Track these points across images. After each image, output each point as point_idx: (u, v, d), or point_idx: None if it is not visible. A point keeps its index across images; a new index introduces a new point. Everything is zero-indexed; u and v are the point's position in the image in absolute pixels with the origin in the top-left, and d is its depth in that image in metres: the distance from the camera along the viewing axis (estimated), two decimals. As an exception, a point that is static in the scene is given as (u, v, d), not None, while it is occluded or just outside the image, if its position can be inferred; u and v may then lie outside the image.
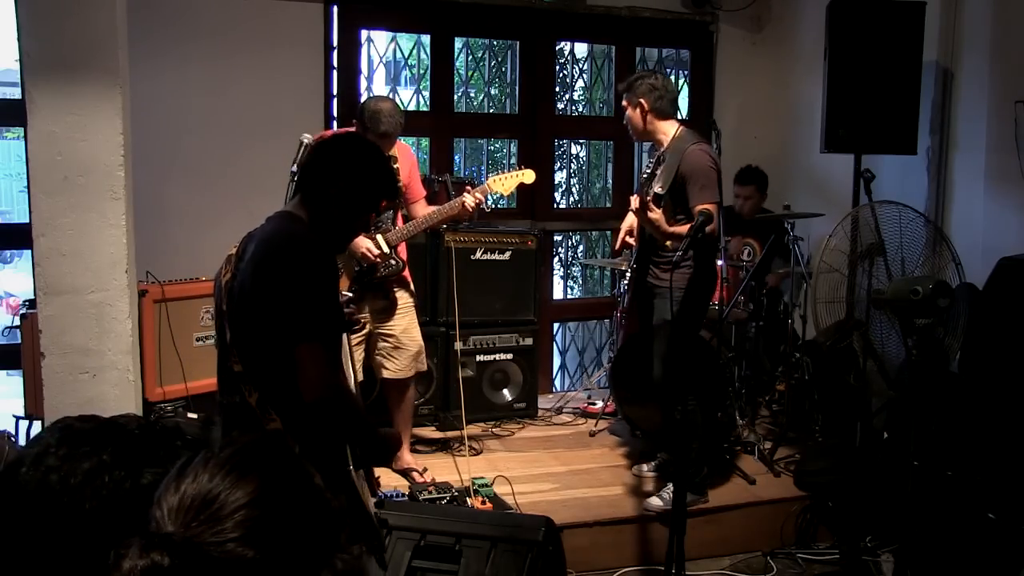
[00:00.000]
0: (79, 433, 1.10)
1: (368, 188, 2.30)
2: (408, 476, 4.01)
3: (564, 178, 6.53)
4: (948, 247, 3.45)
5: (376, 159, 2.35)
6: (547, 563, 2.46)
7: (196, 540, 0.88)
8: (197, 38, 4.66)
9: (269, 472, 0.97)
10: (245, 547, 0.89)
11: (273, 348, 2.16)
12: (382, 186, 2.37)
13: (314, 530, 0.95)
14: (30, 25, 3.42)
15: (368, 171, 2.30)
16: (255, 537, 0.90)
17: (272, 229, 2.27)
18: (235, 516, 0.90)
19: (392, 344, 3.94)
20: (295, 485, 0.98)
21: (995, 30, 4.39)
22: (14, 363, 4.24)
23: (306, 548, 0.93)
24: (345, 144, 2.39)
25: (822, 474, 3.96)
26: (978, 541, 3.29)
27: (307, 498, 0.98)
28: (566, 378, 6.12)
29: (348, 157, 2.30)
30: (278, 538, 0.91)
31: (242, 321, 2.23)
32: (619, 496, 3.96)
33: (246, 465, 0.96)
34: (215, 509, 0.90)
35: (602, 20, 5.51)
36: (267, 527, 0.91)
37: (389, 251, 3.82)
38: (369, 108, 3.67)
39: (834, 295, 3.55)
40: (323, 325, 2.17)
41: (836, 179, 4.91)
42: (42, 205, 3.46)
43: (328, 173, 2.26)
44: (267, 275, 2.17)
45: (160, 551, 0.88)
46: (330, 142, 2.42)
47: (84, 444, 1.07)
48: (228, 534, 0.89)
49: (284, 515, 0.93)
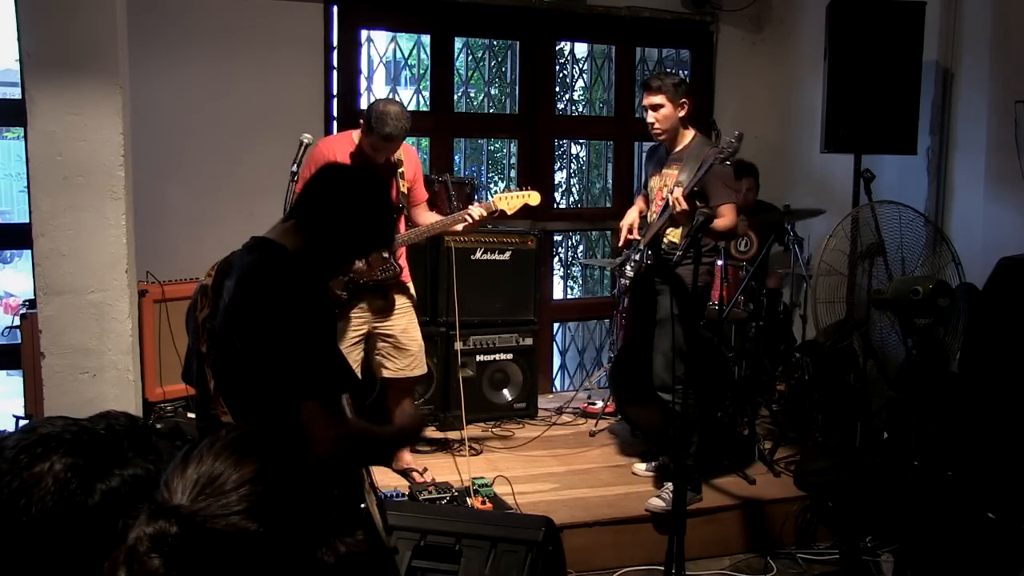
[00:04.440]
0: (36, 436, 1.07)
1: (370, 231, 2.19)
2: (408, 476, 4.00)
3: (564, 178, 6.53)
4: (948, 247, 3.45)
5: (381, 201, 2.26)
6: (547, 563, 2.46)
7: (202, 513, 0.90)
8: (197, 38, 4.66)
9: (271, 454, 0.99)
10: (248, 520, 0.90)
11: (266, 401, 2.01)
12: (383, 233, 2.27)
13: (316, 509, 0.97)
14: (30, 25, 3.42)
15: (370, 212, 2.18)
16: (258, 511, 0.91)
17: (254, 266, 2.07)
18: (239, 491, 0.92)
19: (391, 344, 3.94)
20: (296, 467, 1.00)
21: (995, 30, 4.39)
22: (14, 363, 4.24)
23: (308, 526, 0.95)
24: (352, 176, 2.27)
25: (822, 474, 3.96)
26: (978, 541, 3.29)
27: (308, 479, 0.99)
28: (566, 378, 6.12)
29: (354, 189, 2.18)
30: (280, 514, 0.93)
31: (228, 372, 2.08)
32: (619, 496, 3.96)
33: (249, 447, 0.98)
34: (219, 484, 0.92)
35: (602, 20, 5.51)
36: (270, 503, 0.93)
37: (388, 256, 3.81)
38: (377, 110, 3.66)
39: (834, 295, 3.55)
40: (321, 380, 2.01)
41: (836, 179, 4.91)
42: (42, 205, 3.47)
43: (329, 201, 2.14)
44: (251, 327, 2.00)
45: (168, 519, 0.89)
46: (343, 174, 2.31)
47: (36, 447, 1.05)
48: (232, 507, 0.90)
49: (286, 493, 0.95)
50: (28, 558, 1.02)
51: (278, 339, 1.97)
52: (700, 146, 3.70)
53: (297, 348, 1.98)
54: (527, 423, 4.93)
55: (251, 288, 2.03)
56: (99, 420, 1.13)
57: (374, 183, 2.31)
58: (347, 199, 2.15)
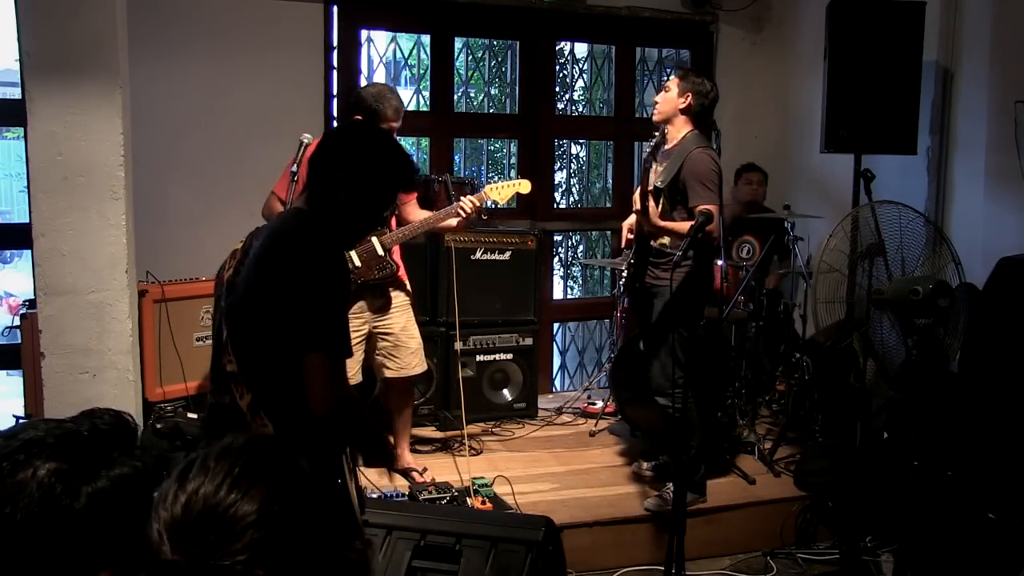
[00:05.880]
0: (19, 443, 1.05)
1: (382, 176, 2.12)
2: (408, 476, 4.00)
3: (564, 178, 6.53)
4: (948, 247, 3.45)
5: (390, 143, 2.19)
6: (547, 563, 2.46)
7: (204, 565, 0.87)
8: (197, 38, 4.66)
9: (275, 481, 0.95)
10: (254, 567, 0.88)
11: (273, 351, 2.04)
12: (397, 174, 2.15)
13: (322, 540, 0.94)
14: (30, 25, 3.42)
15: (382, 157, 2.12)
16: (264, 556, 0.88)
17: (280, 225, 2.15)
18: (244, 537, 0.88)
19: (392, 343, 3.94)
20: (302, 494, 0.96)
21: (995, 30, 4.39)
22: (14, 363, 4.24)
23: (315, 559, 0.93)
24: (354, 130, 2.26)
25: (822, 474, 3.96)
26: (978, 541, 3.29)
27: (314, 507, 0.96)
28: (566, 378, 6.12)
29: (358, 142, 2.14)
30: (287, 555, 0.90)
31: (241, 320, 2.11)
32: (619, 496, 3.96)
33: (252, 474, 0.94)
34: (223, 528, 0.88)
35: (602, 20, 5.51)
36: (276, 545, 0.90)
37: (383, 254, 3.81)
38: (370, 92, 3.64)
39: (834, 295, 3.55)
40: (332, 335, 2.02)
41: (836, 179, 4.91)
42: (42, 205, 3.47)
43: (335, 160, 2.10)
44: (273, 276, 2.04)
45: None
46: (338, 129, 2.31)
47: (19, 453, 1.04)
48: (237, 556, 0.87)
49: (293, 530, 0.92)
50: (15, 564, 1.00)
51: (299, 287, 2.00)
52: (688, 143, 3.68)
53: (315, 299, 2.00)
54: (527, 423, 4.93)
55: (274, 244, 2.07)
56: (83, 420, 1.11)
57: (371, 127, 2.31)
58: (348, 145, 2.14)
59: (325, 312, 2.02)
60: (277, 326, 2.02)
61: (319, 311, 2.01)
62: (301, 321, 1.99)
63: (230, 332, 2.14)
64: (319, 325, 2.00)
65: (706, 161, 3.62)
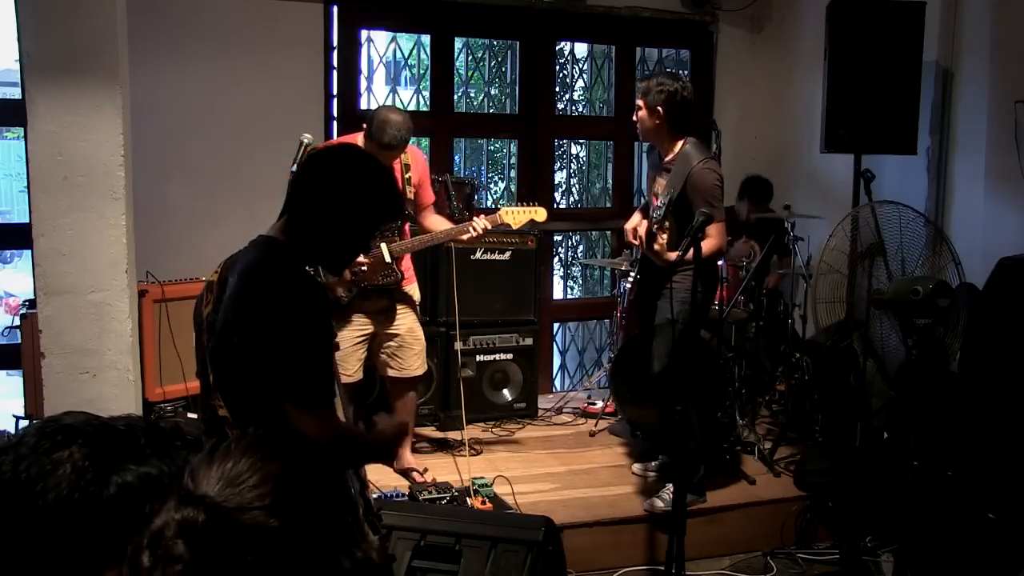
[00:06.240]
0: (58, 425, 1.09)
1: (362, 205, 2.03)
2: (408, 476, 4.00)
3: (564, 178, 6.52)
4: (948, 247, 3.45)
5: (374, 172, 2.09)
6: (547, 563, 2.46)
7: (226, 505, 0.94)
8: (197, 38, 4.66)
9: (294, 455, 1.03)
10: (270, 516, 0.94)
11: (261, 396, 1.95)
12: (379, 204, 2.07)
13: (335, 512, 1.01)
14: (30, 25, 3.42)
15: (364, 185, 2.03)
16: (280, 509, 0.95)
17: (254, 263, 2.01)
18: (263, 487, 0.96)
19: (397, 343, 3.94)
20: (318, 469, 1.04)
21: (995, 30, 4.39)
22: (14, 363, 4.24)
23: (327, 528, 0.99)
24: (337, 155, 2.14)
25: (822, 474, 3.96)
26: (978, 541, 3.29)
27: (329, 482, 1.03)
28: (566, 378, 6.12)
29: (341, 167, 2.04)
30: (301, 513, 0.97)
31: (225, 365, 2.02)
32: (619, 496, 3.96)
33: (273, 448, 1.02)
34: (244, 479, 0.96)
35: (602, 20, 5.51)
36: (291, 501, 0.97)
37: (390, 261, 3.81)
38: (379, 118, 3.64)
39: (834, 295, 3.55)
40: (312, 389, 1.95)
41: (836, 179, 4.91)
42: (42, 205, 3.47)
43: (315, 185, 2.02)
44: (247, 321, 1.94)
45: (196, 506, 0.94)
46: (321, 153, 2.21)
47: (57, 435, 1.07)
48: (255, 503, 0.94)
49: (307, 493, 0.99)
50: (41, 544, 1.03)
51: (272, 336, 1.92)
52: (688, 156, 3.64)
53: (289, 348, 1.93)
54: (527, 423, 4.93)
55: (249, 285, 1.98)
56: (120, 418, 1.16)
57: (355, 152, 2.21)
58: (331, 170, 2.05)
59: (300, 361, 1.94)
60: (258, 373, 1.95)
61: (295, 362, 1.93)
62: (276, 372, 1.93)
63: (216, 376, 2.07)
64: (296, 378, 1.94)
65: (709, 177, 3.59)
